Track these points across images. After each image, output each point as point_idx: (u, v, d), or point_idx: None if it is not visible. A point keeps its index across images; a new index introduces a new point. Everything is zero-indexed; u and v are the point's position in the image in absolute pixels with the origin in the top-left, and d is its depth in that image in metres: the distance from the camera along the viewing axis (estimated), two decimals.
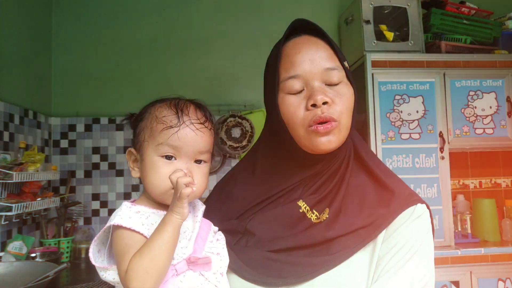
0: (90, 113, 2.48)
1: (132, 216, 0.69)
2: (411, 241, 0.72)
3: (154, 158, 0.72)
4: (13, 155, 1.93)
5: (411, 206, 0.75)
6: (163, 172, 0.71)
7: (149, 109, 0.77)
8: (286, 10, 2.65)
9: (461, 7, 2.43)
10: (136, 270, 0.62)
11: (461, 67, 2.29)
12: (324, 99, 0.71)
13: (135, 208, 0.72)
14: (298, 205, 0.76)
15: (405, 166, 2.19)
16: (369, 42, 2.26)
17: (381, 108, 2.21)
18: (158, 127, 0.72)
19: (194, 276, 0.69)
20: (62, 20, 2.53)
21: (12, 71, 2.04)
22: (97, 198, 2.45)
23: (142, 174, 0.75)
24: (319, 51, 0.75)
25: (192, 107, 0.76)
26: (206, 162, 0.76)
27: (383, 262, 0.71)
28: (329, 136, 0.72)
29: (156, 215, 0.72)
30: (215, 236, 0.77)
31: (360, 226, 0.73)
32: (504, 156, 2.63)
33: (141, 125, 0.76)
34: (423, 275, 0.70)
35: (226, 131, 2.48)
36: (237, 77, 2.61)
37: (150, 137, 0.73)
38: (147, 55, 2.57)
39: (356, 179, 0.79)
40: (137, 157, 0.76)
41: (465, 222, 2.29)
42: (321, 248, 0.72)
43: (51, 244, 2.09)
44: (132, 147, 0.78)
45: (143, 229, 0.68)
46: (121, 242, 0.67)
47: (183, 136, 0.71)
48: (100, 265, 0.71)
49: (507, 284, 2.08)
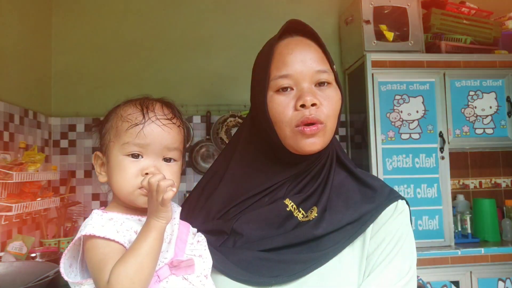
0: (90, 113, 2.48)
1: (104, 224, 0.65)
2: (397, 235, 0.75)
3: (120, 158, 0.70)
4: (13, 155, 1.93)
5: (394, 202, 0.79)
6: (129, 171, 0.69)
7: (115, 110, 0.75)
8: (286, 10, 2.65)
9: (461, 7, 2.43)
10: (121, 280, 0.59)
11: (461, 67, 2.29)
12: (313, 100, 0.72)
13: (107, 215, 0.68)
14: (285, 204, 0.77)
15: (405, 166, 2.19)
16: (369, 42, 2.26)
17: (381, 108, 2.21)
18: (123, 125, 0.70)
19: (177, 281, 0.66)
20: (62, 20, 2.53)
21: (12, 71, 2.04)
22: (97, 198, 2.45)
23: (109, 176, 0.72)
24: (310, 53, 0.76)
25: (158, 104, 0.74)
26: (176, 160, 0.73)
27: (374, 257, 0.74)
28: (314, 138, 0.74)
29: (130, 221, 0.69)
30: (195, 238, 0.74)
31: (347, 222, 0.75)
32: (504, 156, 2.63)
33: (106, 127, 0.74)
34: (409, 267, 0.73)
35: (226, 131, 2.48)
36: (237, 77, 2.61)
37: (116, 137, 0.71)
38: (147, 55, 2.57)
39: (339, 178, 0.82)
40: (103, 160, 0.73)
41: (465, 222, 2.29)
42: (311, 245, 0.73)
43: (51, 244, 2.09)
44: (99, 151, 0.75)
45: (118, 236, 0.64)
46: (96, 252, 0.63)
47: (149, 132, 0.69)
48: (73, 280, 0.67)
49: (507, 284, 2.08)
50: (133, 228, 0.67)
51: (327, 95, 0.75)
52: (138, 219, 0.70)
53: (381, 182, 0.83)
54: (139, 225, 0.68)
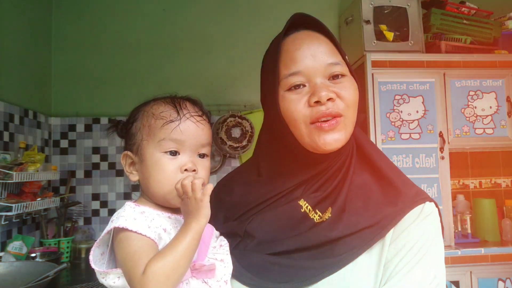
0: (90, 113, 2.48)
1: (137, 217, 0.66)
2: (420, 241, 0.68)
3: (157, 155, 0.69)
4: (13, 155, 1.93)
5: (419, 204, 0.71)
6: (168, 168, 0.69)
7: (142, 109, 0.74)
8: (286, 10, 2.62)
9: (461, 7, 2.43)
10: (158, 274, 0.60)
11: (461, 67, 2.29)
12: (329, 95, 0.68)
13: (139, 208, 0.69)
14: (299, 205, 0.73)
15: (405, 166, 2.19)
16: (369, 42, 2.25)
17: (381, 108, 2.21)
18: (157, 123, 0.70)
19: (197, 284, 0.67)
20: (62, 20, 2.52)
21: (12, 71, 2.04)
22: (97, 198, 2.45)
23: (144, 175, 0.71)
24: (321, 46, 0.72)
25: (188, 102, 0.75)
26: (207, 156, 0.75)
27: (392, 264, 0.67)
28: (335, 134, 0.69)
29: (160, 217, 0.69)
30: (217, 242, 0.74)
31: (365, 226, 0.69)
32: (504, 156, 2.63)
33: (136, 126, 0.73)
34: (433, 277, 0.67)
35: (226, 131, 2.48)
36: (237, 77, 2.61)
37: (149, 135, 0.70)
38: (147, 55, 2.57)
39: (360, 177, 0.76)
40: (134, 159, 0.73)
41: (465, 222, 2.29)
42: (325, 249, 0.69)
43: (51, 244, 2.09)
44: (128, 150, 0.74)
45: (149, 232, 0.65)
46: (129, 243, 0.63)
47: (186, 129, 0.70)
48: (100, 268, 0.67)
49: (507, 284, 2.08)
50: (162, 225, 0.67)
51: (343, 87, 0.71)
52: (168, 216, 0.71)
53: (408, 181, 0.75)
54: (168, 223, 0.69)
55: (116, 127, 0.77)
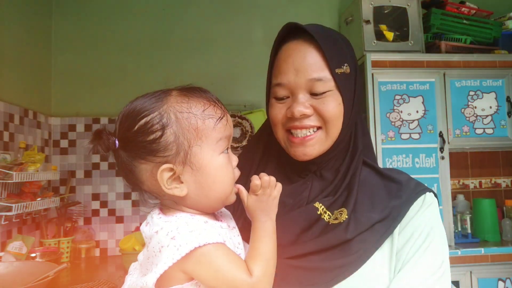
0: (90, 113, 2.48)
1: (206, 228, 0.62)
2: (426, 229, 0.73)
3: (219, 158, 0.64)
4: (13, 155, 1.93)
5: (421, 195, 0.76)
6: (230, 168, 0.66)
7: (166, 111, 0.63)
8: (286, 10, 2.65)
9: (461, 7, 2.43)
10: (269, 274, 0.63)
11: (461, 67, 2.29)
12: (303, 111, 0.72)
13: (200, 218, 0.64)
14: (315, 207, 0.74)
15: (405, 166, 2.19)
16: (369, 42, 2.26)
17: (381, 108, 2.21)
18: (208, 123, 0.63)
19: None
20: (62, 20, 2.52)
21: (12, 71, 2.04)
22: (97, 198, 2.45)
23: (204, 183, 0.63)
24: (306, 60, 0.72)
25: (207, 92, 0.69)
26: None
27: (404, 252, 0.71)
28: (305, 148, 0.74)
29: (209, 224, 0.65)
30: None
31: (376, 221, 0.72)
32: (504, 156, 2.63)
33: (170, 133, 0.61)
34: (441, 261, 0.72)
35: None
36: (237, 77, 2.61)
37: (201, 138, 0.62)
38: (147, 55, 2.57)
39: (362, 175, 0.78)
40: (180, 171, 0.62)
41: (465, 222, 2.29)
42: (341, 248, 0.71)
43: (51, 244, 2.09)
44: (161, 164, 0.62)
45: (220, 238, 0.62)
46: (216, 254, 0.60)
47: (230, 122, 0.67)
48: None
49: (507, 284, 2.08)
50: (216, 231, 0.64)
51: (323, 102, 0.73)
52: (205, 220, 0.65)
53: (406, 176, 0.80)
54: (207, 225, 0.64)
55: (99, 139, 0.62)
